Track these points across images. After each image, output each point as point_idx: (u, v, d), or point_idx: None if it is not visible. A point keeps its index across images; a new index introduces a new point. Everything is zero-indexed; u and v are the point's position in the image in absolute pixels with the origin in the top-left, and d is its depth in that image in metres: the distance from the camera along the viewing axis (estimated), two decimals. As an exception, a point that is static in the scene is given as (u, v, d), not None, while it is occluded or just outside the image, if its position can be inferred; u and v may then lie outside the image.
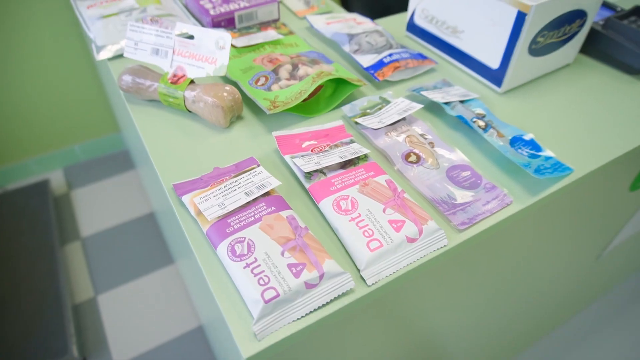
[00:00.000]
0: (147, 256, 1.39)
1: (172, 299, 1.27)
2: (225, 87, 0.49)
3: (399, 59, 0.57)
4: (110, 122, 1.66)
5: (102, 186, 1.61)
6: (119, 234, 1.45)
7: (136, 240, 1.43)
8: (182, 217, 0.41)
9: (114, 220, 1.49)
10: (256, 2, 0.66)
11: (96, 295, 1.28)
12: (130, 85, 0.52)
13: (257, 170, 0.43)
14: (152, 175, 0.55)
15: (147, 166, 0.57)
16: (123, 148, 1.75)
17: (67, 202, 1.55)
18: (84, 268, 1.35)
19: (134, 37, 0.52)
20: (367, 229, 0.38)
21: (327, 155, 0.45)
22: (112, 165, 1.69)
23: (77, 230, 1.46)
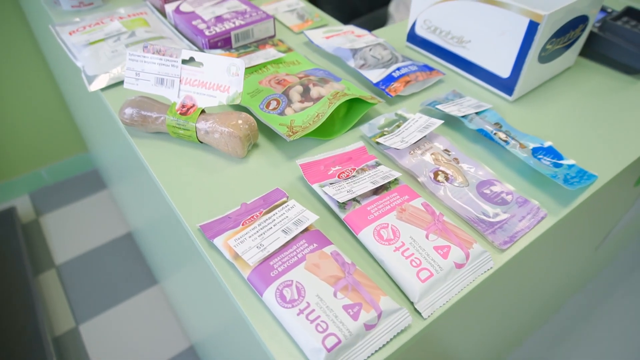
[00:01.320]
0: (129, 279, 1.33)
1: (159, 321, 1.22)
2: (239, 115, 0.47)
3: (409, 73, 0.56)
4: (77, 142, 1.58)
5: (74, 209, 1.53)
6: (96, 258, 1.38)
7: (115, 263, 1.37)
8: (215, 262, 0.38)
9: (90, 244, 1.42)
10: (251, 19, 0.64)
11: (77, 325, 1.21)
12: (135, 119, 0.49)
13: (290, 204, 0.41)
14: (166, 215, 0.52)
15: (159, 204, 0.54)
16: (92, 168, 1.68)
17: (36, 229, 1.47)
18: (62, 297, 1.28)
19: (134, 67, 0.48)
20: (414, 258, 0.37)
21: (357, 182, 0.43)
22: (82, 186, 1.61)
23: (51, 258, 1.38)
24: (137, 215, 1.08)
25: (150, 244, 1.09)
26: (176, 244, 0.56)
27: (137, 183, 0.73)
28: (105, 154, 1.10)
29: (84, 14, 0.71)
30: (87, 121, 1.15)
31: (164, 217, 0.54)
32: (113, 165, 1.04)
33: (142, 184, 0.64)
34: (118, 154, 0.80)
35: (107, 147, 0.98)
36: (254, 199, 0.43)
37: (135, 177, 0.71)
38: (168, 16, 0.68)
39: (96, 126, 0.98)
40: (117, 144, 0.70)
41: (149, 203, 0.66)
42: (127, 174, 0.82)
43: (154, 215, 0.66)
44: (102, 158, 1.28)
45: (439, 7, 0.58)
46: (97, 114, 0.73)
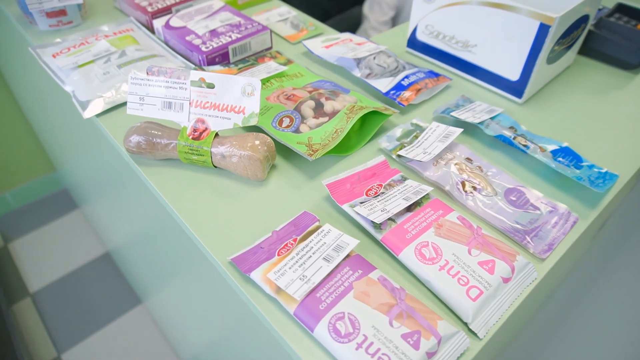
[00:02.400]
0: (110, 301, 1.27)
1: (146, 341, 1.17)
2: (256, 136, 0.44)
3: (418, 80, 0.56)
4: (43, 162, 1.50)
5: (44, 232, 1.46)
6: (73, 282, 1.31)
7: (94, 286, 1.30)
8: (254, 298, 0.36)
9: (65, 268, 1.35)
10: (247, 32, 0.61)
11: (59, 354, 1.15)
12: (142, 147, 0.45)
13: (325, 229, 0.39)
14: (188, 249, 0.48)
15: (177, 238, 0.50)
16: (61, 187, 1.60)
17: (6, 256, 1.39)
18: (41, 327, 1.21)
19: (138, 91, 0.45)
20: (461, 276, 0.36)
21: (388, 199, 0.42)
22: (51, 208, 1.53)
23: (25, 286, 1.31)
24: (119, 234, 1.03)
25: (133, 263, 1.05)
26: (195, 277, 0.53)
27: (128, 204, 0.69)
28: (81, 172, 1.05)
29: (64, 34, 0.66)
30: (56, 140, 1.10)
31: (183, 251, 0.51)
32: (91, 183, 0.99)
33: (141, 209, 0.60)
34: (104, 175, 0.75)
35: (84, 166, 0.94)
36: (282, 224, 0.41)
37: (129, 199, 0.68)
38: (157, 32, 0.65)
39: (72, 146, 0.93)
40: (112, 169, 0.66)
41: (155, 233, 0.63)
42: (112, 193, 0.78)
43: (165, 248, 0.63)
44: (74, 176, 1.22)
45: (441, 12, 0.57)
46: (88, 140, 0.69)
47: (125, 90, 0.55)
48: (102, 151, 0.64)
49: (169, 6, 0.67)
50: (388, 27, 1.53)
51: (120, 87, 0.55)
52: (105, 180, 0.80)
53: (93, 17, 0.71)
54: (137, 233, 0.80)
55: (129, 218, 0.78)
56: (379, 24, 1.52)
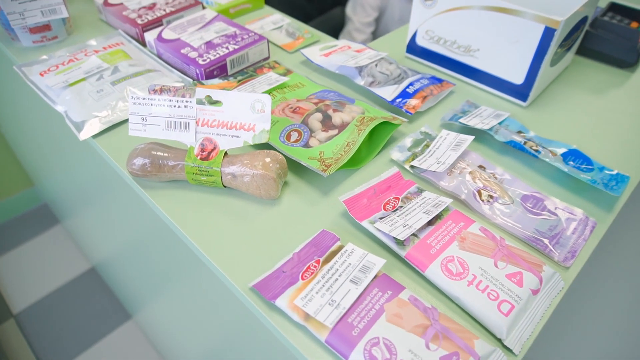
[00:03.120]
0: (99, 317, 1.23)
1: (140, 358, 1.14)
2: (267, 153, 0.43)
3: (423, 87, 0.55)
4: (21, 178, 1.45)
5: (25, 250, 1.40)
6: (58, 300, 1.27)
7: (81, 303, 1.26)
8: (281, 327, 0.34)
9: (49, 286, 1.31)
10: (244, 43, 0.59)
11: None
12: (148, 170, 0.43)
13: (348, 249, 0.38)
14: (203, 275, 0.46)
15: (184, 260, 0.49)
16: (40, 202, 1.54)
17: (-14, 276, 1.34)
18: (26, 349, 1.16)
19: (140, 111, 0.43)
20: (490, 291, 0.35)
21: (408, 213, 0.41)
22: (31, 224, 1.48)
23: (7, 307, 1.26)
24: (106, 249, 1.00)
25: (122, 277, 1.02)
26: (206, 301, 0.51)
27: (120, 220, 0.67)
28: (63, 187, 1.01)
29: (50, 50, 0.63)
30: (36, 155, 1.06)
31: (194, 274, 0.49)
32: (75, 198, 0.96)
33: (140, 227, 0.58)
34: (92, 191, 0.73)
35: (67, 180, 0.90)
36: (301, 245, 0.39)
37: (122, 215, 0.65)
38: (149, 45, 0.62)
39: (54, 161, 0.90)
40: (103, 186, 0.63)
41: (155, 251, 0.60)
42: (100, 207, 0.75)
43: (166, 266, 0.61)
44: (54, 191, 1.18)
45: (442, 17, 0.57)
46: (81, 160, 0.66)
47: (122, 108, 0.52)
48: (97, 172, 0.62)
49: (159, 17, 0.64)
50: (372, 28, 1.53)
51: (116, 105, 0.52)
52: (92, 195, 0.77)
53: (78, 31, 0.68)
54: (129, 249, 0.78)
55: (120, 233, 0.76)
56: (362, 25, 1.51)
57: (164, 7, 0.66)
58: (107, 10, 0.67)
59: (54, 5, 0.60)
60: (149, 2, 0.67)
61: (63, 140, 0.71)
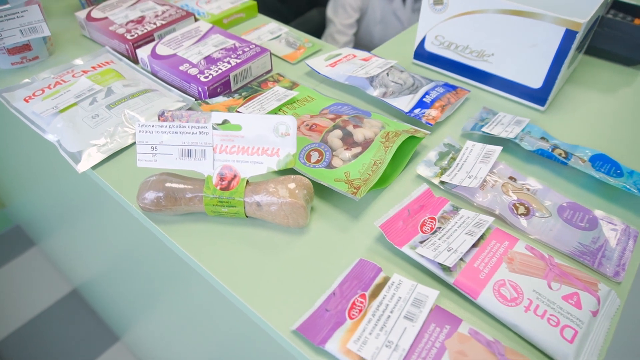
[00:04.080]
0: (85, 341, 1.17)
1: None
2: (292, 179, 0.40)
3: (440, 96, 0.53)
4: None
5: (1, 276, 1.32)
6: (41, 327, 1.20)
7: (65, 327, 1.20)
8: (333, 371, 0.31)
9: (30, 312, 1.24)
10: (247, 56, 0.56)
11: None
12: (162, 204, 0.40)
13: (395, 281, 0.35)
14: (238, 321, 0.43)
15: (206, 299, 0.45)
16: (12, 225, 1.46)
17: (-40, 307, 1.25)
18: None
19: (149, 140, 0.39)
20: (550, 316, 0.33)
21: (449, 235, 0.38)
22: (4, 248, 1.40)
23: None
24: (90, 269, 0.95)
25: (110, 297, 0.97)
26: (233, 341, 0.47)
27: (112, 241, 0.62)
28: (39, 207, 0.96)
29: (31, 72, 0.58)
30: (7, 176, 0.99)
31: (216, 311, 0.46)
32: (53, 218, 0.90)
33: (146, 257, 0.54)
34: (77, 210, 0.68)
35: (44, 200, 0.85)
36: (339, 277, 0.36)
37: (117, 237, 0.61)
38: (142, 63, 0.58)
39: (28, 181, 0.84)
40: (100, 216, 0.58)
41: (160, 277, 0.56)
42: (84, 227, 0.70)
43: (175, 295, 0.56)
44: (29, 212, 1.11)
45: (453, 22, 0.55)
46: (69, 188, 0.61)
47: (122, 134, 0.48)
48: (91, 200, 0.57)
49: (150, 32, 0.60)
50: (354, 30, 1.51)
51: (115, 131, 0.48)
52: (77, 217, 0.73)
53: (60, 49, 0.63)
54: (119, 270, 0.73)
55: (110, 255, 0.71)
56: (344, 27, 1.49)
57: (153, 21, 0.62)
58: (90, 26, 0.62)
59: (34, 23, 0.55)
60: (136, 15, 0.63)
61: (47, 165, 0.66)
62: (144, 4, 0.65)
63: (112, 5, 0.64)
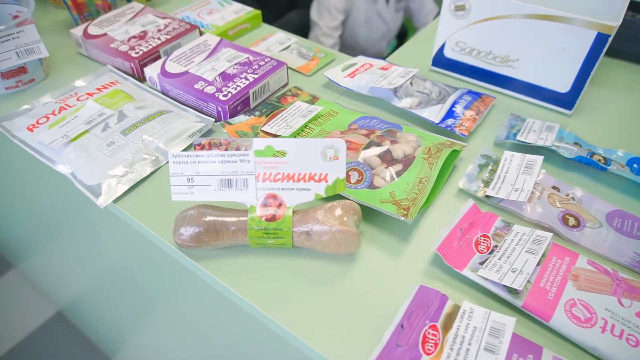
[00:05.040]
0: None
1: None
2: (342, 205, 0.37)
3: (469, 105, 0.51)
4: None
5: None
6: (25, 353, 1.14)
7: (52, 352, 1.14)
8: (416, 414, 0.29)
9: (13, 339, 1.18)
10: (264, 71, 0.53)
11: None
12: (203, 239, 0.37)
13: (466, 309, 0.33)
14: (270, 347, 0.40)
15: (248, 334, 0.42)
16: None
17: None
18: None
19: (184, 171, 0.36)
20: (628, 336, 0.32)
21: (509, 254, 0.37)
22: None
23: None
24: (78, 288, 0.91)
25: (100, 316, 0.93)
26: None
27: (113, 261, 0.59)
28: (19, 228, 0.90)
29: (28, 96, 0.54)
30: None
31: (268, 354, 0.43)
32: (36, 238, 0.86)
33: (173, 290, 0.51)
34: (67, 229, 0.63)
35: (25, 221, 0.80)
36: (401, 308, 0.34)
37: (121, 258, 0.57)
38: (150, 82, 0.54)
39: (4, 201, 0.79)
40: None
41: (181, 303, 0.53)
42: (74, 244, 0.66)
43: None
44: (5, 233, 1.05)
45: (475, 28, 0.53)
46: (61, 214, 0.57)
47: (142, 161, 0.45)
48: (83, 222, 0.53)
49: (155, 48, 0.56)
50: (339, 32, 1.49)
51: (134, 159, 0.44)
52: (57, 233, 0.69)
53: (56, 69, 0.58)
54: (112, 287, 0.69)
55: (99, 273, 0.68)
56: (330, 30, 1.47)
57: (157, 36, 0.58)
58: (88, 43, 0.58)
59: (31, 44, 0.51)
60: (137, 30, 0.59)
61: (22, 183, 0.61)
62: (144, 18, 0.61)
63: (109, 20, 0.60)
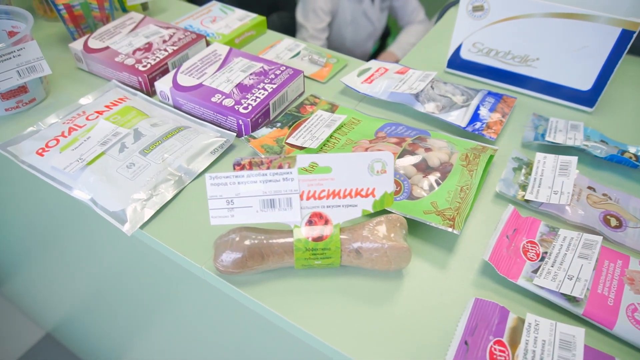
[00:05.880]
0: None
1: None
2: (387, 219, 0.36)
3: (494, 107, 0.50)
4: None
5: None
6: None
7: None
8: None
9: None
10: (281, 80, 0.51)
11: None
12: (248, 264, 0.34)
13: (531, 322, 0.32)
14: None
15: None
16: None
17: None
18: None
19: (223, 194, 0.34)
20: (693, 338, 0.32)
21: (562, 261, 0.36)
22: None
23: None
24: (67, 307, 0.87)
25: (93, 336, 0.90)
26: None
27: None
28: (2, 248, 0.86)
29: (29, 117, 0.50)
30: None
31: None
32: (22, 259, 0.82)
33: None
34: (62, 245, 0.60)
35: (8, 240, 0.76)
36: (460, 323, 0.33)
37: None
38: (161, 96, 0.52)
39: None
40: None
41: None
42: (68, 262, 0.63)
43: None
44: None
45: (493, 28, 0.53)
46: (48, 230, 0.54)
47: (166, 181, 0.42)
48: (73, 237, 0.51)
49: (163, 60, 0.54)
50: (326, 34, 1.48)
51: (157, 180, 0.42)
52: (44, 252, 0.65)
53: (57, 87, 0.55)
54: (106, 305, 0.66)
55: (91, 290, 0.65)
56: (317, 32, 1.45)
57: (163, 47, 0.56)
58: (91, 58, 0.55)
59: (32, 62, 0.48)
60: (142, 42, 0.56)
61: (45, 218, 0.58)
62: (146, 29, 0.58)
63: (109, 32, 0.57)
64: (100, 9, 0.58)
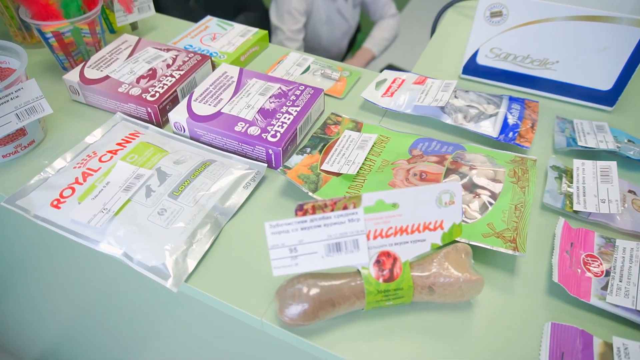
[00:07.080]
0: None
1: None
2: (455, 249, 0.34)
3: (521, 115, 0.50)
4: None
5: None
6: None
7: None
8: None
9: None
10: (304, 102, 0.48)
11: None
12: (319, 314, 0.32)
13: (619, 346, 0.31)
14: None
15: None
16: None
17: None
18: None
19: (285, 242, 0.32)
20: None
21: (629, 274, 0.36)
22: None
23: None
24: (50, 337, 0.83)
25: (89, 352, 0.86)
26: None
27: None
28: None
29: (32, 161, 0.45)
30: None
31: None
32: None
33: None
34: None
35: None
36: (543, 352, 0.32)
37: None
38: (176, 127, 0.48)
39: None
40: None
41: None
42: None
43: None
44: None
45: (511, 33, 0.52)
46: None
47: (204, 226, 0.39)
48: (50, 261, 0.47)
49: (171, 87, 0.50)
50: (303, 35, 1.45)
51: (194, 225, 0.39)
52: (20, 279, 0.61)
53: (54, 125, 0.50)
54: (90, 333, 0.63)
55: (74, 317, 0.60)
56: (293, 33, 1.42)
57: (168, 72, 0.52)
58: (90, 90, 0.50)
59: (31, 102, 0.43)
60: (144, 68, 0.52)
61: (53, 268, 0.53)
62: (145, 53, 0.54)
63: (105, 59, 0.53)
64: (92, 34, 0.53)
